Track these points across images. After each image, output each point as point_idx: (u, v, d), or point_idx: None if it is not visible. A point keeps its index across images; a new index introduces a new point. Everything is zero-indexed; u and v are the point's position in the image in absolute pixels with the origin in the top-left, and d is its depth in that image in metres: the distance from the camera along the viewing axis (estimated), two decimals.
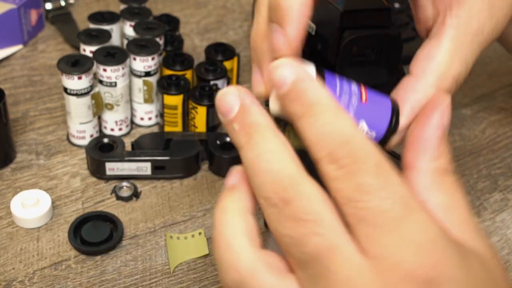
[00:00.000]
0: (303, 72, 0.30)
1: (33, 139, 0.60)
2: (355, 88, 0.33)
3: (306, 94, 0.29)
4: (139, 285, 0.47)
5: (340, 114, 0.29)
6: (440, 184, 0.31)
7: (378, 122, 0.33)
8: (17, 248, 0.49)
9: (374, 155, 0.28)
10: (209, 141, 0.57)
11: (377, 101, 0.33)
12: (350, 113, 0.33)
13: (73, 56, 0.56)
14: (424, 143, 0.31)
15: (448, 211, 0.30)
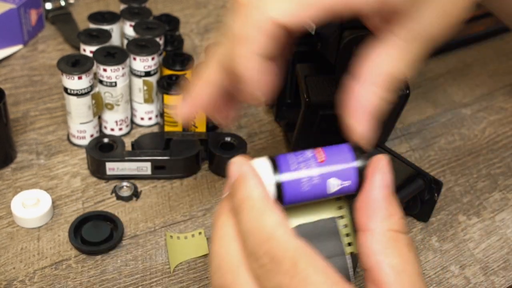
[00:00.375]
0: (246, 169, 0.33)
1: (33, 139, 0.60)
2: (309, 154, 0.33)
3: (241, 190, 0.32)
4: (139, 284, 0.47)
5: (265, 211, 0.31)
6: (393, 246, 0.32)
7: (345, 170, 0.33)
8: (18, 247, 0.49)
9: (292, 254, 0.30)
10: (209, 141, 0.57)
11: (334, 153, 0.34)
12: (315, 180, 0.33)
13: (73, 56, 0.56)
14: (373, 204, 0.32)
15: (399, 275, 0.31)
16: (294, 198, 0.34)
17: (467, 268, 0.50)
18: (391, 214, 0.32)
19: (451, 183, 0.58)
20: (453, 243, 0.52)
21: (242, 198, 0.32)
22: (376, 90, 0.36)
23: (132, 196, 0.54)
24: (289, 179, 0.33)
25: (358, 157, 0.34)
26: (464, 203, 0.56)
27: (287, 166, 0.33)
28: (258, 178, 0.33)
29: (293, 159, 0.33)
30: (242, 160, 0.34)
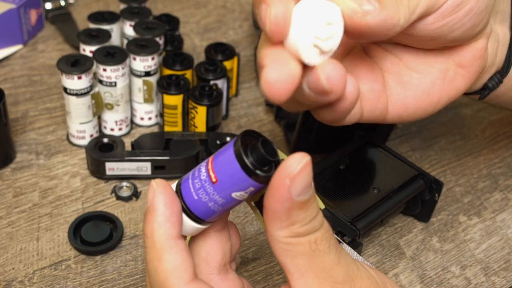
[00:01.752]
0: (158, 201, 0.33)
1: (33, 139, 0.60)
2: (204, 175, 0.33)
3: (146, 225, 0.33)
4: (139, 285, 0.47)
5: (162, 255, 0.32)
6: (293, 250, 0.32)
7: (242, 184, 0.32)
8: (17, 248, 0.49)
9: None
10: (209, 141, 0.57)
11: (223, 167, 0.32)
12: (221, 203, 0.33)
13: (73, 56, 0.56)
14: (272, 215, 0.32)
15: (301, 274, 0.32)
16: (212, 216, 0.34)
17: (467, 269, 0.50)
18: (291, 223, 0.32)
19: (452, 183, 0.57)
20: (454, 244, 0.52)
21: (147, 234, 0.33)
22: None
23: (132, 196, 0.54)
24: (198, 208, 0.33)
25: (244, 167, 0.31)
26: (464, 203, 0.56)
27: (190, 196, 0.33)
28: (168, 213, 0.33)
29: (191, 185, 0.33)
30: (159, 187, 0.33)
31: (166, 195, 0.33)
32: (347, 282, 0.33)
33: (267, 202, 0.32)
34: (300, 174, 0.30)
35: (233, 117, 0.64)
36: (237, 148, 0.31)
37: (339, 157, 0.52)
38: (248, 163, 0.31)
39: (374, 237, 0.52)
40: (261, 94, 0.67)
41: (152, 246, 0.33)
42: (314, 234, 0.32)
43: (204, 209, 0.33)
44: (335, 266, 0.33)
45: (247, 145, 0.32)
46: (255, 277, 0.48)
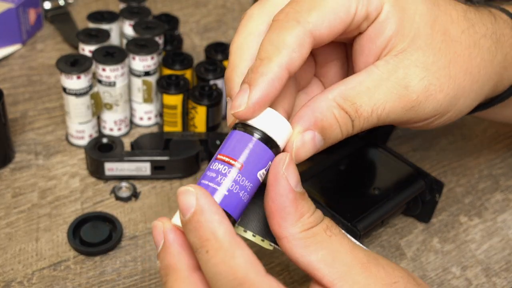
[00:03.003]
0: (205, 203, 0.31)
1: (32, 139, 0.59)
2: (225, 170, 0.33)
3: (202, 228, 0.31)
4: (139, 285, 0.47)
5: (234, 252, 0.30)
6: (312, 243, 0.32)
7: (265, 157, 0.33)
8: (16, 248, 0.49)
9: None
10: (209, 141, 0.56)
11: (242, 150, 0.33)
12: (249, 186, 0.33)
13: (72, 56, 0.56)
14: (281, 213, 0.32)
15: (332, 266, 0.32)
16: (240, 212, 0.34)
17: (468, 270, 0.50)
18: (301, 215, 0.33)
19: (452, 183, 0.57)
20: (455, 244, 0.52)
21: (206, 237, 0.31)
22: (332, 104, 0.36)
23: (131, 197, 0.54)
24: (231, 204, 0.33)
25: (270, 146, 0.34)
26: (465, 203, 0.55)
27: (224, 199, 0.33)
28: (221, 212, 0.31)
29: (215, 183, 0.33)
30: (198, 189, 0.32)
31: (208, 195, 0.32)
32: (372, 261, 0.33)
33: (270, 204, 0.32)
34: (290, 165, 0.33)
35: None
36: (246, 128, 0.34)
37: (339, 158, 0.52)
38: (266, 132, 0.33)
39: (375, 238, 0.52)
40: None
41: (219, 246, 0.30)
42: (323, 222, 0.33)
43: (236, 202, 0.33)
44: (355, 248, 0.33)
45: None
46: None
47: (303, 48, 0.34)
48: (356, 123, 0.36)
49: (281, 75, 0.34)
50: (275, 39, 0.34)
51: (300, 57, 0.34)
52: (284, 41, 0.34)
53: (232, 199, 0.33)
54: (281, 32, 0.34)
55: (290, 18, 0.35)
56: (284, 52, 0.34)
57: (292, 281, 0.48)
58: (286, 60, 0.34)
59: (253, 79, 0.34)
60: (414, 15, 0.37)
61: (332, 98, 0.36)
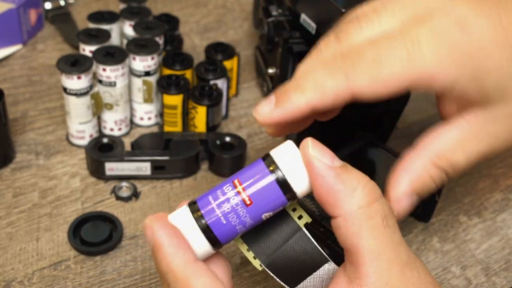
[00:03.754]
0: (160, 236, 0.32)
1: (32, 139, 0.59)
2: (234, 198, 0.33)
3: (160, 263, 0.32)
4: (139, 285, 0.47)
5: (190, 281, 0.31)
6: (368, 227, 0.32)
7: (275, 202, 0.33)
8: (17, 248, 0.49)
9: None
10: (209, 141, 0.56)
11: (259, 187, 0.33)
12: (249, 225, 0.33)
13: (72, 56, 0.56)
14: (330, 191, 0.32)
15: (376, 259, 0.31)
16: (232, 238, 0.34)
17: (468, 269, 0.50)
18: (353, 188, 0.32)
19: (452, 183, 0.57)
20: (454, 244, 0.52)
21: (164, 271, 0.32)
22: (427, 164, 0.36)
23: (131, 197, 0.54)
24: (224, 232, 0.33)
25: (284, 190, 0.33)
26: (465, 203, 0.56)
27: (217, 220, 0.33)
28: (177, 243, 0.32)
29: (217, 209, 0.33)
30: (155, 222, 0.33)
31: (165, 228, 0.32)
32: (410, 263, 0.33)
33: (318, 190, 0.32)
34: (316, 145, 0.32)
35: (233, 117, 0.64)
36: (271, 165, 0.33)
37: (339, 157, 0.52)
38: (288, 181, 0.32)
39: None
40: (261, 94, 0.67)
41: (175, 279, 0.32)
42: (383, 209, 0.32)
43: (230, 233, 0.33)
44: (399, 246, 0.32)
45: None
46: (255, 278, 0.48)
47: (337, 99, 0.35)
48: (451, 175, 0.37)
49: (304, 110, 0.35)
50: (319, 77, 0.35)
51: (330, 105, 0.35)
52: (324, 84, 0.34)
53: (227, 227, 0.33)
54: (326, 74, 0.35)
55: (341, 65, 0.34)
56: (318, 94, 0.34)
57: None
58: (316, 102, 0.35)
59: (280, 99, 0.36)
60: (490, 70, 0.35)
61: (428, 158, 0.36)
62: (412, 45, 0.33)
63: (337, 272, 0.33)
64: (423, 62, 0.33)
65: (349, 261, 0.32)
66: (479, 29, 0.34)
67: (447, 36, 0.34)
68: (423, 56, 0.33)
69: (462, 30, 0.34)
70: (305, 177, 0.33)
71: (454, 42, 0.34)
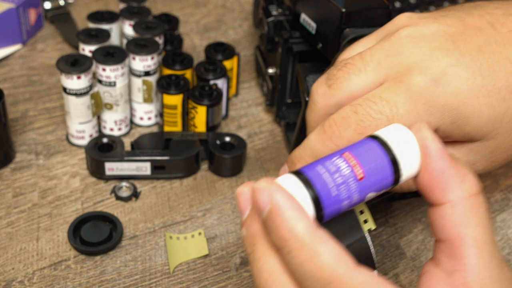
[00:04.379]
0: (280, 199, 0.29)
1: (32, 139, 0.59)
2: (347, 170, 0.31)
3: (280, 228, 0.29)
4: (139, 285, 0.47)
5: (317, 249, 0.28)
6: (476, 216, 0.30)
7: (383, 181, 0.32)
8: (17, 248, 0.49)
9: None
10: (209, 141, 0.56)
11: (371, 163, 0.31)
12: (353, 202, 0.31)
13: (72, 56, 0.56)
14: (443, 176, 0.31)
15: (481, 249, 0.30)
16: (333, 216, 0.32)
17: None
18: (464, 175, 0.31)
19: None
20: None
21: (285, 237, 0.29)
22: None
23: (131, 197, 0.54)
24: (332, 205, 0.31)
25: (395, 170, 0.32)
26: None
27: (328, 191, 0.30)
28: (298, 207, 0.29)
29: (330, 179, 0.31)
30: (271, 185, 0.30)
31: (283, 191, 0.30)
32: (503, 260, 0.32)
33: (430, 170, 0.31)
34: (430, 129, 0.32)
35: (233, 117, 0.64)
36: (388, 147, 0.32)
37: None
38: (399, 161, 0.32)
39: (375, 237, 0.52)
40: (261, 94, 0.67)
41: (300, 245, 0.28)
42: (486, 199, 0.32)
43: (336, 207, 0.31)
44: (496, 247, 0.32)
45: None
46: None
47: None
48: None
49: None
50: (317, 148, 0.38)
51: None
52: (319, 154, 0.38)
53: (335, 201, 0.31)
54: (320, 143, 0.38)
55: (330, 136, 0.38)
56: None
57: None
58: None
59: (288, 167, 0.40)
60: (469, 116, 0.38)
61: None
62: (390, 109, 0.36)
63: (426, 268, 0.32)
64: (405, 116, 0.36)
65: (446, 253, 0.31)
66: (457, 80, 0.37)
67: (423, 92, 0.36)
68: (402, 117, 0.36)
69: (438, 84, 0.36)
70: (416, 159, 0.32)
71: (431, 97, 0.36)
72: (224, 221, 0.52)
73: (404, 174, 0.32)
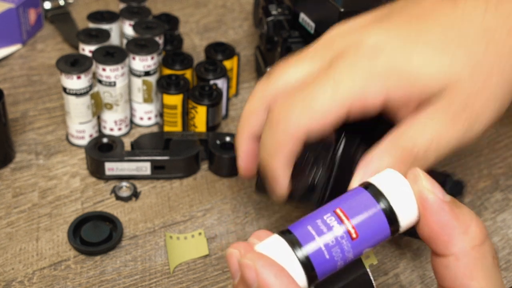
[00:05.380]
0: (267, 275, 0.28)
1: (32, 139, 0.59)
2: (339, 231, 0.30)
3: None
4: (139, 285, 0.47)
5: None
6: (481, 268, 0.30)
7: (379, 236, 0.30)
8: (17, 248, 0.49)
9: None
10: (209, 141, 0.56)
11: (366, 221, 0.30)
12: (348, 262, 0.30)
13: (72, 56, 0.56)
14: (444, 228, 0.30)
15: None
16: (327, 275, 0.31)
17: None
18: (466, 226, 0.30)
19: None
20: None
21: None
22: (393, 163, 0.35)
23: (131, 197, 0.54)
24: (325, 268, 0.30)
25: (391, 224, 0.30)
26: (465, 203, 0.55)
27: (320, 256, 0.29)
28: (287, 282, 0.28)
29: (321, 243, 0.29)
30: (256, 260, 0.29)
31: (270, 266, 0.29)
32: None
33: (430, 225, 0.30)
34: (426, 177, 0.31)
35: (233, 117, 0.64)
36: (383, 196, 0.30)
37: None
38: (396, 213, 0.30)
39: None
40: None
41: None
42: (492, 248, 0.31)
43: (329, 270, 0.30)
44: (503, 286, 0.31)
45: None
46: None
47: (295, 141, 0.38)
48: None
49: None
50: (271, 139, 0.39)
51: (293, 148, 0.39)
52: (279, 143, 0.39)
53: (328, 263, 0.30)
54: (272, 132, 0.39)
55: (278, 117, 0.38)
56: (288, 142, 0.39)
57: None
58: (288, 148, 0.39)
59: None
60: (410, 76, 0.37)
61: (394, 156, 0.37)
62: (334, 81, 0.37)
63: None
64: (347, 90, 0.36)
65: None
66: (390, 50, 0.37)
67: (361, 65, 0.37)
68: (345, 86, 0.37)
69: (372, 56, 0.37)
70: (414, 210, 0.30)
71: (369, 67, 0.37)
72: (224, 221, 0.52)
73: (402, 225, 0.31)
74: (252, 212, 0.53)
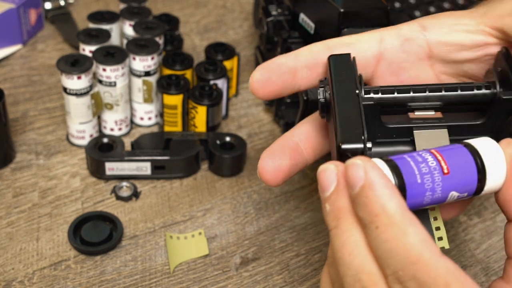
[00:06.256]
0: (375, 176, 0.29)
1: (32, 139, 0.60)
2: (433, 163, 0.31)
3: (372, 203, 0.29)
4: (139, 285, 0.47)
5: (406, 229, 0.28)
6: None
7: (467, 184, 0.32)
8: (17, 248, 0.49)
9: (444, 280, 0.27)
10: (209, 141, 0.57)
11: (458, 164, 0.32)
12: (435, 198, 0.32)
13: (72, 56, 0.56)
14: None
15: None
16: (414, 207, 0.32)
17: (468, 269, 0.50)
18: None
19: None
20: (454, 244, 0.52)
21: (376, 213, 0.29)
22: None
23: (131, 196, 0.54)
24: (415, 193, 0.31)
25: (480, 175, 0.32)
26: None
27: (413, 178, 0.31)
28: (392, 186, 0.29)
29: (415, 167, 0.31)
30: (366, 162, 0.30)
31: (378, 169, 0.30)
32: None
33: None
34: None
35: (233, 117, 0.64)
36: (479, 155, 0.32)
37: None
38: (487, 171, 0.32)
39: None
40: None
41: (390, 222, 0.28)
42: None
43: (419, 196, 0.31)
44: None
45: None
46: (255, 277, 0.48)
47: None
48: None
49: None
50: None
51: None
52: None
53: (419, 190, 0.31)
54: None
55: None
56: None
57: (292, 280, 0.48)
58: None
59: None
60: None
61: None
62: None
63: (495, 285, 0.33)
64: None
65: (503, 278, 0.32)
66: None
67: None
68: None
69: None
70: (502, 174, 0.32)
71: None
72: (224, 221, 0.52)
73: (488, 184, 0.32)
74: (252, 212, 0.53)
